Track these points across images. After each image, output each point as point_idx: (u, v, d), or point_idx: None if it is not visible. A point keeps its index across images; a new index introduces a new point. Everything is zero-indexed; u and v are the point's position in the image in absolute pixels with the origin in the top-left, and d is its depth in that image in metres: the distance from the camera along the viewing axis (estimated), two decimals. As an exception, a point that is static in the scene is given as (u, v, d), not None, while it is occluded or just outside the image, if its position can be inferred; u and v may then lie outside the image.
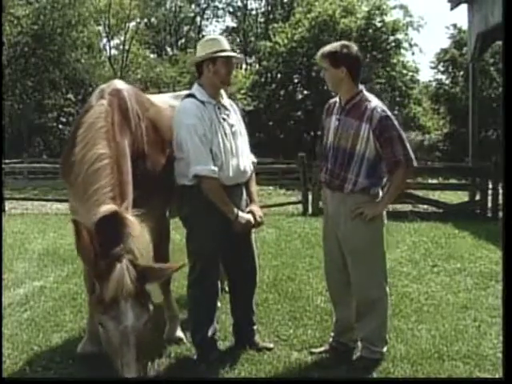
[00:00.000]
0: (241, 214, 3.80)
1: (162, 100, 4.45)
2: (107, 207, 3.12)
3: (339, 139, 3.74)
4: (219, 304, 4.21)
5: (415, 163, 3.74)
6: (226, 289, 4.51)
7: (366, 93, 3.78)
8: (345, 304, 3.94)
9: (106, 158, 3.36)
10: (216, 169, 3.75)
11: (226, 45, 3.92)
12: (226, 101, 4.00)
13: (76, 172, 3.44)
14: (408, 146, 3.70)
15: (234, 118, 3.98)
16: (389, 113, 3.71)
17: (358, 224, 3.71)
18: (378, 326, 3.84)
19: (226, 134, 3.84)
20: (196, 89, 3.91)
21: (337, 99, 3.88)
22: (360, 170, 3.70)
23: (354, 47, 3.75)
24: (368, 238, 3.77)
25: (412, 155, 3.70)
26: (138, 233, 3.11)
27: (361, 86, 3.78)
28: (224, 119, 3.88)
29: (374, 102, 3.74)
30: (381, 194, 3.80)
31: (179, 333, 4.29)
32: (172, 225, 4.46)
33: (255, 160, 4.17)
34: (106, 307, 2.93)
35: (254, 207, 3.94)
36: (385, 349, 3.89)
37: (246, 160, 3.97)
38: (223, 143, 3.81)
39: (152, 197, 3.78)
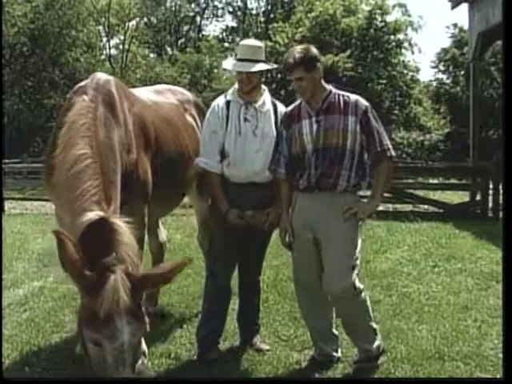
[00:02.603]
0: (233, 210, 3.82)
1: (145, 96, 4.31)
2: (92, 214, 2.89)
3: (324, 139, 3.63)
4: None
5: (394, 154, 3.74)
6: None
7: (334, 89, 3.75)
8: (321, 314, 3.84)
9: (86, 159, 3.13)
10: (217, 164, 3.88)
11: (248, 52, 3.89)
12: (263, 102, 3.98)
13: (56, 176, 3.22)
14: (387, 137, 3.72)
15: (263, 119, 3.94)
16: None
17: (346, 223, 3.63)
18: (364, 321, 3.74)
19: (240, 132, 3.87)
20: (233, 87, 4.04)
21: (300, 105, 3.78)
22: (352, 165, 3.65)
23: (312, 46, 3.73)
24: (353, 235, 3.68)
25: (391, 146, 3.71)
26: (128, 239, 2.87)
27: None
28: (246, 119, 3.90)
29: (352, 95, 3.74)
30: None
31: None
32: (172, 224, 4.44)
33: None
34: (100, 324, 2.62)
35: (271, 210, 3.89)
36: (377, 343, 3.78)
37: (267, 162, 3.88)
38: (235, 141, 3.87)
39: (133, 196, 3.59)
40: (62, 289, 5.70)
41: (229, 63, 4.09)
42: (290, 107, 3.89)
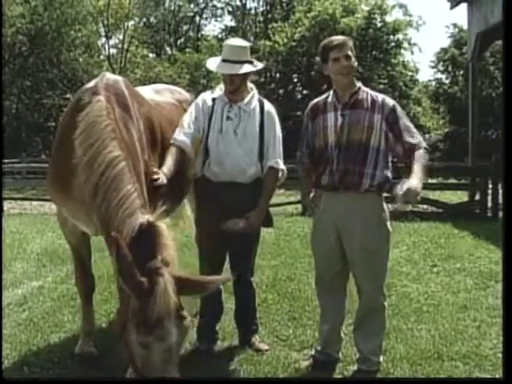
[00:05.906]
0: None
1: (147, 96, 4.24)
2: (144, 218, 2.88)
3: (348, 134, 3.58)
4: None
5: (426, 146, 3.67)
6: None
7: (363, 86, 3.75)
8: (337, 312, 3.82)
9: (121, 162, 3.10)
10: (183, 138, 3.80)
11: (232, 53, 3.88)
12: (248, 101, 3.97)
13: (84, 177, 3.15)
14: (417, 132, 3.68)
15: (246, 118, 3.94)
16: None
17: (376, 226, 3.60)
18: (380, 334, 3.72)
19: (221, 130, 3.89)
20: (220, 85, 4.06)
21: (327, 98, 3.75)
22: (377, 164, 3.58)
23: None
24: (384, 240, 3.67)
25: (422, 140, 3.66)
26: (171, 242, 2.89)
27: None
28: (229, 117, 3.91)
29: (379, 94, 3.74)
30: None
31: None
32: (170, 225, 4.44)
33: (279, 167, 4.03)
34: (151, 327, 2.62)
35: (252, 214, 3.89)
36: (381, 358, 3.77)
37: (248, 161, 3.91)
38: (217, 139, 3.88)
39: None
40: (61, 289, 5.70)
41: (213, 63, 4.03)
42: (316, 99, 3.85)
